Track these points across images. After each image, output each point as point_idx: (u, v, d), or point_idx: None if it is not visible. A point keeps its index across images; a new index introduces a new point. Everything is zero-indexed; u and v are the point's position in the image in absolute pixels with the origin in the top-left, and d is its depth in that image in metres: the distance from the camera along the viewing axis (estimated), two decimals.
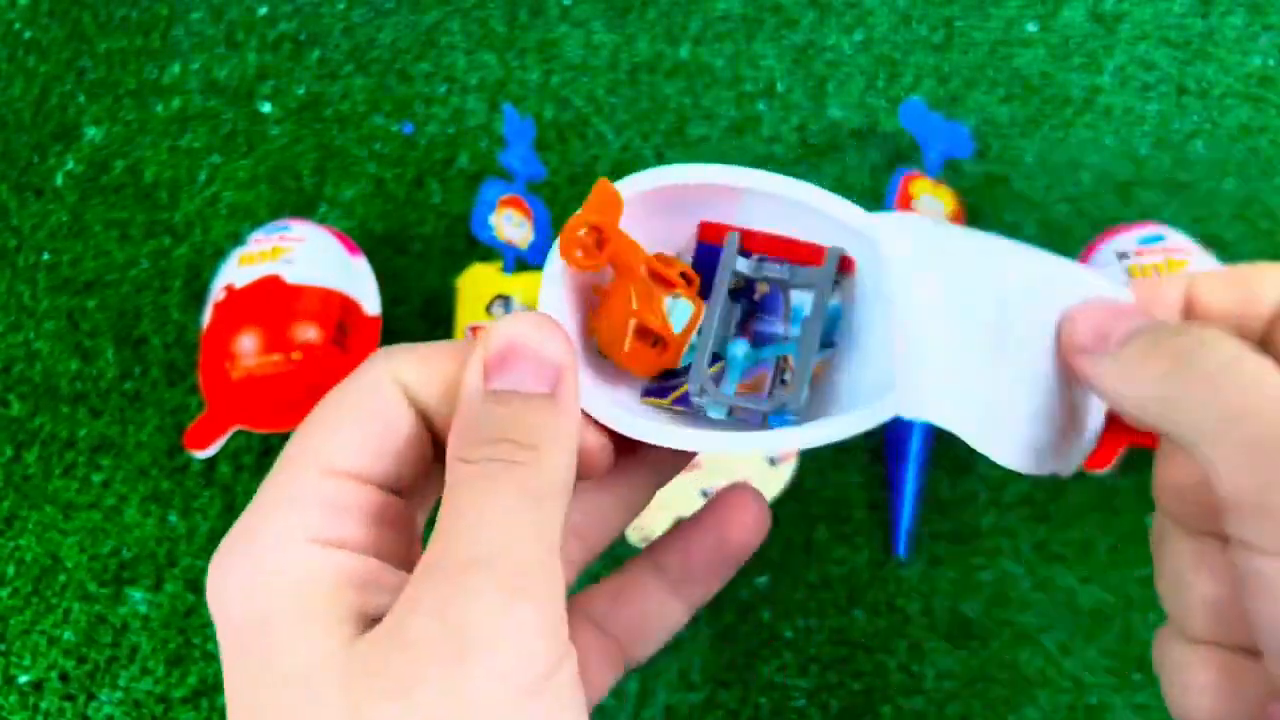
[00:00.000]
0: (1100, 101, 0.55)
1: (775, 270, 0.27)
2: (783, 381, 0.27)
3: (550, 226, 0.52)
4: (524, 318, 0.24)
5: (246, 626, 0.22)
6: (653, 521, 0.43)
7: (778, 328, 0.28)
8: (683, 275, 0.27)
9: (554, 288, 0.26)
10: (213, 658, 0.45)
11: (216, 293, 0.47)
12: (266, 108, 0.58)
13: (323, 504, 0.23)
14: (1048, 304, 0.25)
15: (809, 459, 0.47)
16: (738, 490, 0.28)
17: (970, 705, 0.43)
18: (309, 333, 0.46)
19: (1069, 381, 0.26)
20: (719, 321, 0.27)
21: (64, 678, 0.45)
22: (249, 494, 0.52)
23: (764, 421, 0.26)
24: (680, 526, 0.28)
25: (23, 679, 0.45)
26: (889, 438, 0.46)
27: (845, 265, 0.27)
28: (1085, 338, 0.25)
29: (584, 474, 0.25)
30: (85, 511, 0.48)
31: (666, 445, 0.25)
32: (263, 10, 0.61)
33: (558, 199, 0.54)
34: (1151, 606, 0.45)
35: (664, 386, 0.28)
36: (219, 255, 0.53)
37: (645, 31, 0.59)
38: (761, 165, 0.57)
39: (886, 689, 0.43)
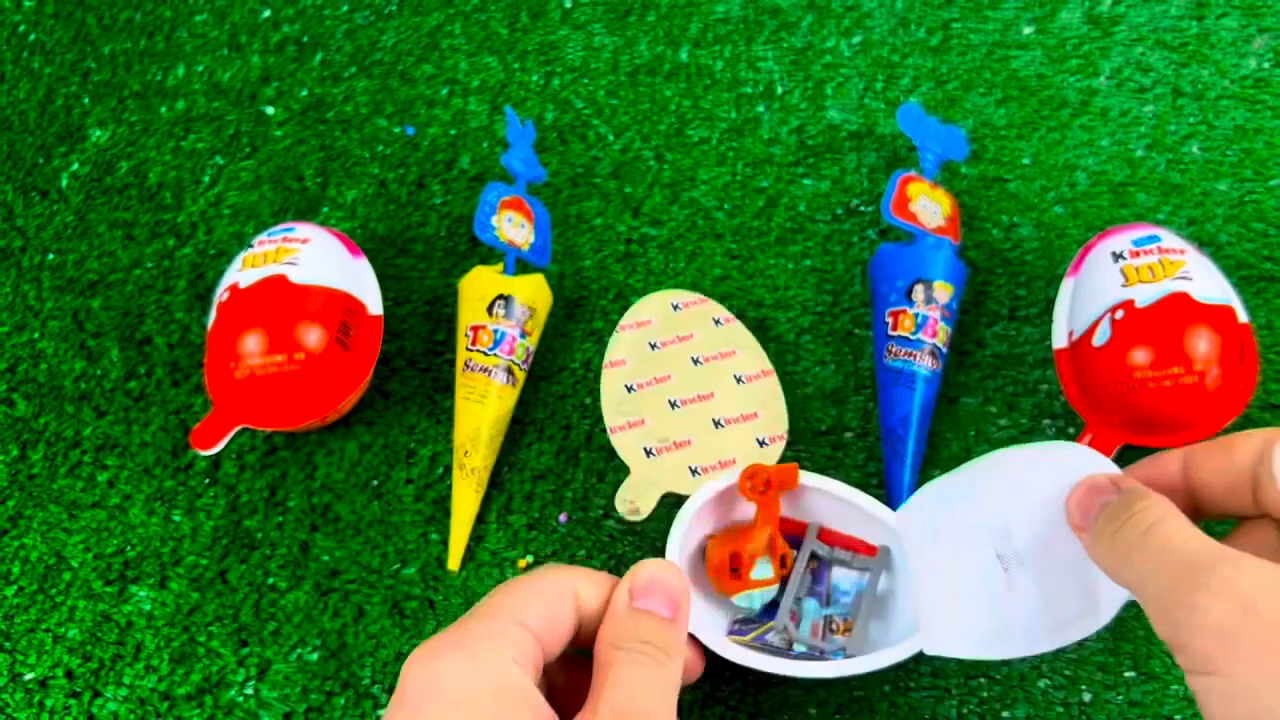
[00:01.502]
0: (1096, 104, 0.55)
1: (842, 555, 0.42)
2: (831, 630, 0.41)
3: (550, 228, 0.52)
4: (661, 564, 0.37)
5: (457, 701, 0.31)
6: (642, 498, 0.44)
7: (822, 591, 0.42)
8: (783, 556, 0.42)
9: (685, 520, 0.41)
10: (216, 655, 0.45)
11: (221, 293, 0.48)
12: (270, 110, 0.58)
13: (517, 642, 0.33)
14: (1053, 504, 0.35)
15: (804, 456, 0.48)
16: None
17: (965, 702, 0.43)
18: (312, 333, 0.46)
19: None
20: (797, 586, 0.42)
21: (69, 675, 0.46)
22: (252, 492, 0.52)
23: (823, 655, 0.40)
24: None
25: (28, 676, 0.46)
26: (886, 436, 0.47)
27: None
28: (1075, 517, 0.34)
29: (684, 679, 0.36)
30: (90, 510, 0.49)
31: (752, 667, 0.39)
32: (266, 13, 0.61)
33: (558, 201, 0.55)
34: None
35: (745, 629, 0.41)
36: (222, 256, 0.54)
37: (645, 34, 0.59)
38: (760, 166, 0.57)
39: (882, 686, 0.43)
